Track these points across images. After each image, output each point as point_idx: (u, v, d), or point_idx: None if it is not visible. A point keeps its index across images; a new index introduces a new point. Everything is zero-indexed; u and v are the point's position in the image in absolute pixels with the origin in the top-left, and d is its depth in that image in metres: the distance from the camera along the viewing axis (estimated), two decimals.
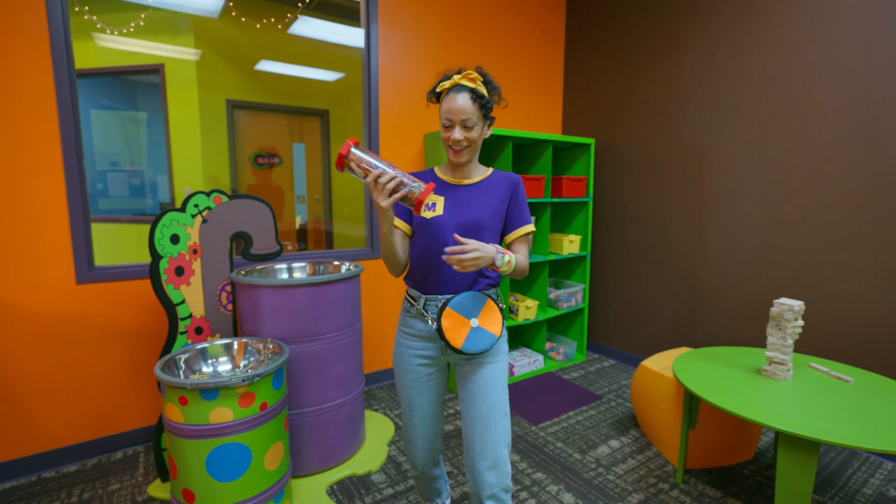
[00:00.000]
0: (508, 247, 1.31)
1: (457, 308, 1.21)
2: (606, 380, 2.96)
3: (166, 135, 3.01)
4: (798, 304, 1.65)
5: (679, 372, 1.79)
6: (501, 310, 1.29)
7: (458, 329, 1.19)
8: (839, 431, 1.33)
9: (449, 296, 1.26)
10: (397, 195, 1.08)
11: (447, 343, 1.18)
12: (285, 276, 2.18)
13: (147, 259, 2.17)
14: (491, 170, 1.37)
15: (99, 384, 2.03)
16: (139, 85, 2.42)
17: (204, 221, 1.85)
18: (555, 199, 2.97)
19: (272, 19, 2.90)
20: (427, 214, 1.27)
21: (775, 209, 2.39)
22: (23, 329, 1.87)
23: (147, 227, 2.20)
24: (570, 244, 3.08)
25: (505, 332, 1.33)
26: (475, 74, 1.23)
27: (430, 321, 1.27)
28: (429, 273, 1.27)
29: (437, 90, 1.26)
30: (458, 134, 1.21)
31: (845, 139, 2.13)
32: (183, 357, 1.60)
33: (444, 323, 1.18)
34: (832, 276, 2.21)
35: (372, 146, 2.79)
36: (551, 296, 3.17)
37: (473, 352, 1.19)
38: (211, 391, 1.40)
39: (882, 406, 1.50)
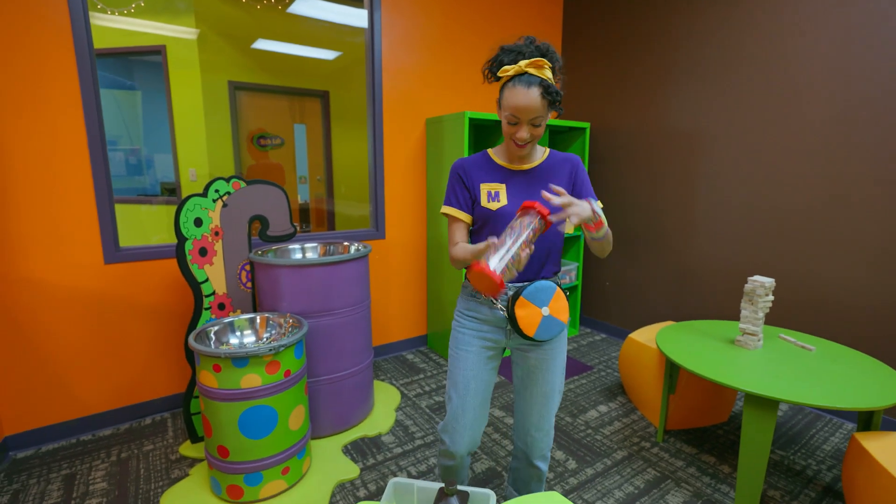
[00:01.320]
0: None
1: (530, 297, 1.18)
2: (597, 352, 3.16)
3: (170, 116, 3.09)
4: (769, 281, 1.82)
5: (661, 343, 1.98)
6: (565, 293, 1.27)
7: (531, 318, 1.18)
8: (794, 391, 1.52)
9: (520, 284, 1.24)
10: (532, 243, 1.02)
11: (520, 331, 1.18)
12: (299, 255, 2.33)
13: (161, 240, 2.30)
14: (548, 151, 1.31)
15: (128, 356, 2.20)
16: (136, 63, 2.39)
17: (224, 206, 1.99)
18: None
19: (272, 0, 2.96)
20: (492, 206, 1.23)
21: (756, 193, 2.54)
22: (58, 306, 2.03)
23: (151, 207, 2.31)
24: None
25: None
26: (543, 60, 1.11)
27: (500, 308, 1.26)
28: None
29: (500, 76, 1.15)
30: (525, 133, 1.14)
31: (822, 130, 2.27)
32: (213, 329, 1.76)
33: (518, 312, 1.17)
34: (804, 255, 2.38)
35: (376, 131, 2.90)
36: None
37: (545, 339, 1.21)
38: (242, 359, 1.56)
39: (837, 370, 1.69)
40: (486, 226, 1.25)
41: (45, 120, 1.93)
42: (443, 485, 1.02)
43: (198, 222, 1.93)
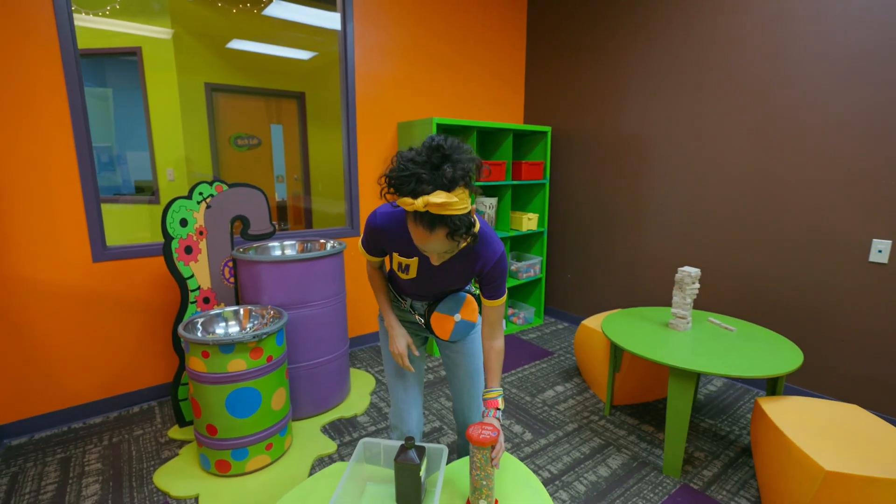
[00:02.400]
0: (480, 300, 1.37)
1: (442, 310, 1.36)
2: (559, 339, 3.42)
3: (146, 117, 3.20)
4: (695, 271, 2.09)
5: (606, 328, 2.23)
6: (475, 297, 1.43)
7: (444, 325, 1.37)
8: (711, 364, 1.79)
9: (434, 300, 1.39)
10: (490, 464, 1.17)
11: (437, 337, 1.40)
12: (278, 252, 2.50)
13: (142, 239, 2.44)
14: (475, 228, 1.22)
15: (117, 348, 2.34)
16: (108, 62, 2.43)
17: (208, 207, 2.15)
18: (515, 182, 3.34)
19: (248, 4, 3.10)
20: (401, 274, 1.35)
21: (692, 193, 2.83)
22: (49, 302, 2.15)
23: (126, 207, 2.41)
24: (529, 221, 3.48)
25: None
26: (444, 197, 0.95)
27: (418, 318, 1.42)
28: (406, 291, 1.42)
29: (398, 205, 1.05)
30: (435, 259, 1.15)
31: (746, 135, 2.56)
32: (200, 320, 1.93)
33: (434, 324, 1.37)
34: (731, 248, 2.68)
35: (349, 134, 3.07)
36: (512, 267, 3.58)
37: (459, 339, 1.43)
38: (228, 346, 1.74)
39: (751, 347, 1.97)
40: (395, 277, 1.38)
41: (33, 123, 2.05)
42: (403, 442, 1.23)
43: (183, 222, 2.09)
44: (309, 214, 3.86)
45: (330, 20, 2.99)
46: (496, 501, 1.22)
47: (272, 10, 3.06)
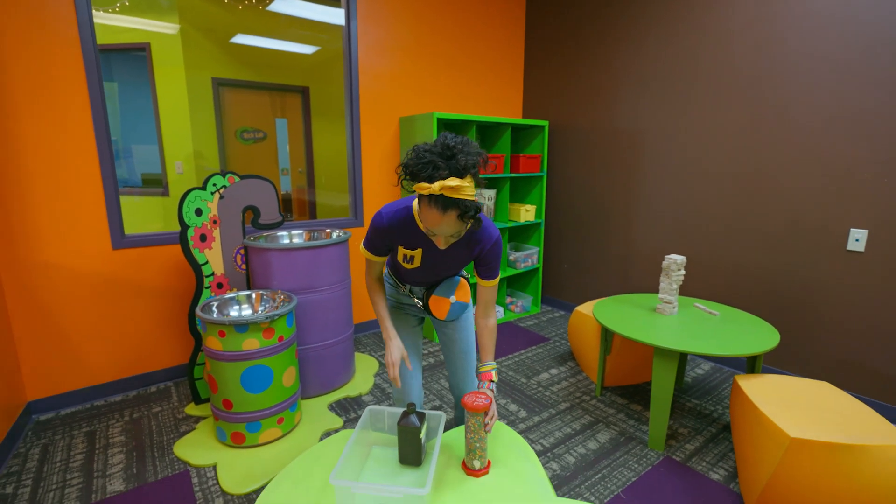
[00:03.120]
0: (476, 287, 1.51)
1: (439, 293, 1.50)
2: (555, 326, 3.56)
3: (155, 111, 3.32)
4: (681, 259, 2.21)
5: (597, 313, 2.36)
6: (468, 281, 1.58)
7: (441, 306, 1.50)
8: (692, 345, 1.91)
9: (431, 283, 1.52)
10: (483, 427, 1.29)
11: (434, 318, 1.52)
12: (287, 241, 2.63)
13: (154, 230, 2.57)
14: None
15: (135, 331, 2.48)
16: (114, 58, 2.49)
17: (221, 197, 2.28)
18: (513, 175, 3.46)
19: (253, 0, 3.20)
20: (405, 265, 1.44)
21: (682, 186, 2.94)
22: (72, 287, 2.29)
23: (136, 199, 2.50)
24: (527, 213, 3.60)
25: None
26: (456, 183, 1.07)
27: (416, 301, 1.56)
28: (407, 277, 1.53)
29: (414, 191, 1.14)
30: (442, 243, 1.25)
31: (733, 133, 2.67)
32: (215, 303, 2.07)
33: (432, 305, 1.50)
34: (724, 238, 2.80)
35: (353, 129, 3.18)
36: (510, 257, 3.71)
37: (454, 318, 1.55)
38: (243, 326, 1.88)
39: (731, 329, 2.10)
40: (398, 267, 1.49)
41: (56, 117, 2.17)
42: (405, 408, 1.37)
43: (198, 212, 2.22)
44: (313, 206, 3.99)
45: (332, 16, 3.09)
46: (489, 462, 1.35)
47: (277, 6, 3.16)
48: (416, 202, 1.36)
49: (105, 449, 2.03)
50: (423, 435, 1.33)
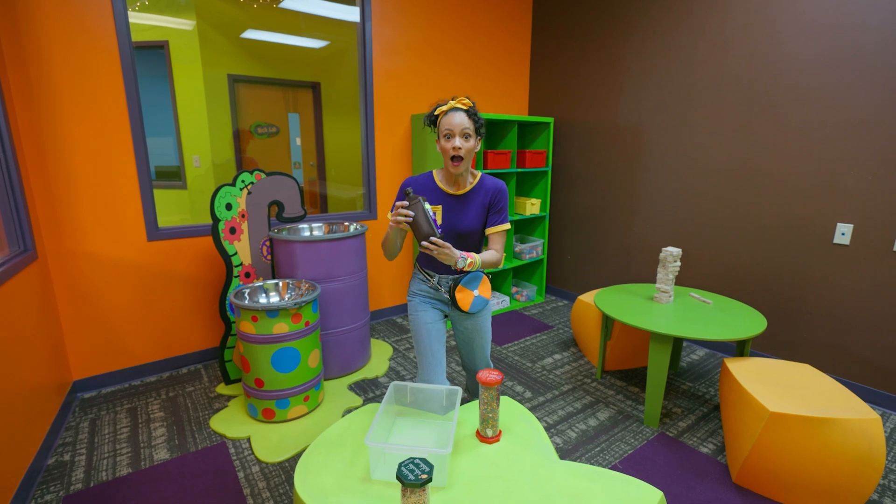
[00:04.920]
0: (487, 237, 1.69)
1: (465, 284, 1.66)
2: (559, 315, 3.73)
3: (174, 107, 3.48)
4: (677, 251, 2.37)
5: (598, 301, 2.53)
6: (490, 280, 1.76)
7: (466, 298, 1.66)
8: (684, 329, 2.08)
9: (457, 276, 1.70)
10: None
11: (458, 308, 1.66)
12: (308, 233, 2.80)
13: (181, 221, 2.74)
14: (479, 175, 1.67)
15: (168, 317, 2.67)
16: (134, 53, 2.52)
17: (249, 193, 2.45)
18: (519, 170, 3.61)
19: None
20: None
21: (680, 181, 3.09)
22: (113, 275, 2.48)
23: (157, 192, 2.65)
24: (532, 206, 3.75)
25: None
26: (466, 99, 1.56)
27: (443, 292, 1.72)
28: (436, 263, 1.71)
29: (436, 113, 1.56)
30: (458, 142, 1.50)
31: (730, 130, 2.81)
32: (247, 291, 2.25)
33: (458, 295, 1.65)
34: (718, 231, 2.95)
35: (368, 127, 3.33)
36: (516, 248, 3.88)
37: (476, 311, 1.71)
38: (274, 311, 2.06)
39: (723, 317, 2.26)
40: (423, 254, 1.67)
41: (96, 114, 2.34)
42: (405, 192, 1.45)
43: (228, 206, 2.39)
44: (324, 199, 4.15)
45: (345, 12, 3.21)
46: (500, 431, 1.53)
47: (289, 3, 3.28)
48: (434, 170, 1.68)
49: (147, 423, 2.23)
50: (426, 206, 1.46)
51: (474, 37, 3.67)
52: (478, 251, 1.74)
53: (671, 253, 2.37)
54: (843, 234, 2.44)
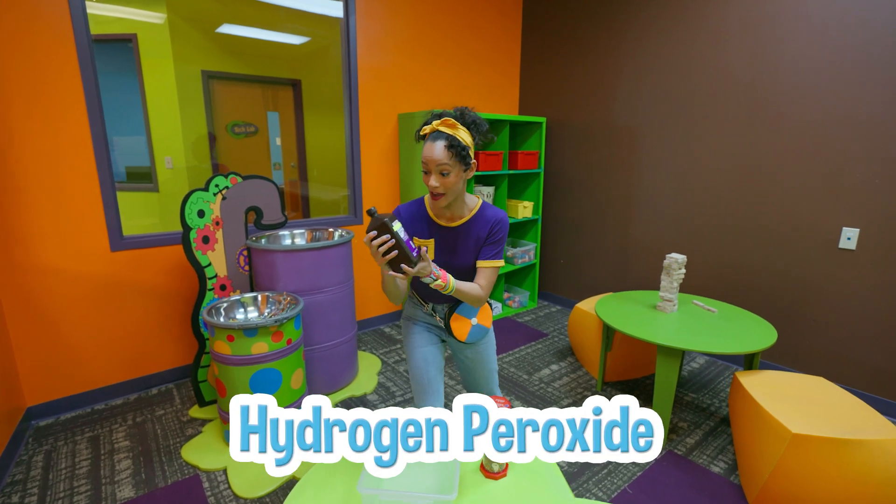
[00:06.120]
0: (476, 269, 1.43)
1: (462, 312, 1.48)
2: (552, 321, 3.61)
3: (143, 105, 3.23)
4: (682, 258, 2.26)
5: (599, 310, 2.40)
6: (491, 306, 1.57)
7: (462, 327, 1.47)
8: (693, 342, 1.97)
9: (453, 303, 1.49)
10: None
11: (454, 338, 1.48)
12: (289, 241, 2.61)
13: (146, 227, 2.52)
14: (479, 204, 1.42)
15: (135, 333, 2.45)
16: (98, 47, 2.30)
17: (224, 199, 2.24)
18: (511, 171, 3.47)
19: None
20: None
21: (680, 184, 2.99)
22: (71, 290, 2.24)
23: (120, 195, 2.37)
24: (524, 209, 3.62)
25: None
26: (452, 120, 1.28)
27: (439, 319, 1.53)
28: (430, 295, 1.52)
29: (421, 133, 1.33)
30: (433, 181, 1.28)
31: (732, 131, 2.72)
32: (222, 306, 2.05)
33: (453, 324, 1.47)
34: (719, 235, 2.86)
35: (353, 127, 3.15)
36: (508, 253, 3.74)
37: (474, 342, 1.53)
38: (252, 330, 1.87)
39: (730, 326, 2.16)
40: (417, 280, 1.48)
41: (51, 115, 2.10)
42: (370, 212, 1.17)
43: (200, 213, 2.18)
44: (306, 202, 3.95)
45: (324, 6, 3.02)
46: (507, 464, 1.38)
47: None
48: (427, 196, 1.46)
49: (111, 454, 2.01)
50: (397, 228, 1.19)
51: (462, 32, 3.52)
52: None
53: (676, 260, 2.25)
54: (848, 238, 2.36)
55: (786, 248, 2.59)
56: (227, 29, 3.20)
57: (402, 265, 1.21)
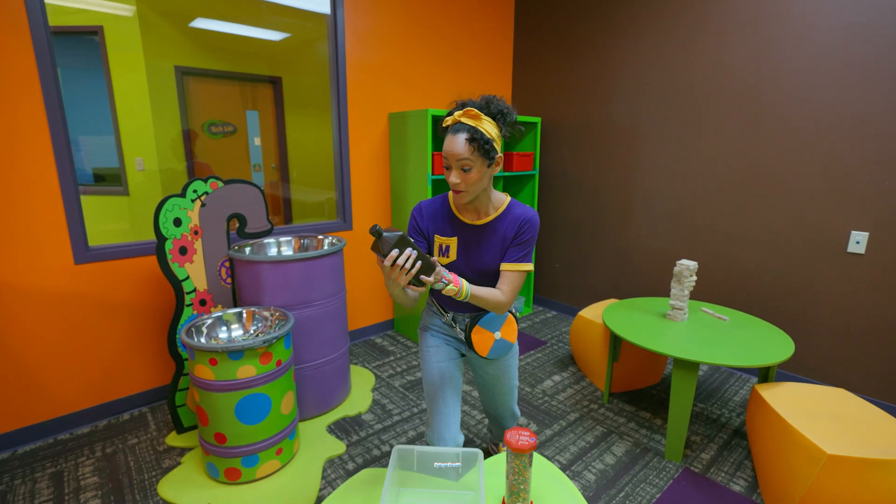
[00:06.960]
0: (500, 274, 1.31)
1: (484, 325, 1.35)
2: (550, 328, 3.49)
3: (111, 102, 2.99)
4: (693, 264, 2.16)
5: (607, 318, 2.29)
6: (516, 317, 1.42)
7: (484, 341, 1.35)
8: (711, 355, 1.87)
9: (476, 314, 1.37)
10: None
11: (475, 353, 1.35)
12: (274, 250, 2.41)
13: (117, 233, 2.30)
14: (507, 202, 1.33)
15: (104, 354, 2.22)
16: (56, 40, 2.15)
17: (203, 205, 2.04)
18: (506, 173, 3.34)
19: None
20: (441, 259, 1.33)
21: (683, 185, 2.91)
22: (30, 308, 2.00)
23: (87, 199, 2.19)
24: None
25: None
26: (475, 111, 1.18)
27: (458, 331, 1.41)
28: (450, 302, 1.41)
29: (444, 125, 1.23)
30: (454, 177, 1.20)
31: (735, 132, 2.65)
32: (203, 325, 1.85)
33: (474, 337, 1.34)
34: (723, 239, 2.79)
35: (341, 126, 2.97)
36: None
37: (497, 357, 1.41)
38: (238, 352, 1.68)
39: (744, 336, 2.07)
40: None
41: (3, 113, 1.87)
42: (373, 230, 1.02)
43: (177, 222, 1.98)
44: (288, 205, 3.74)
45: (312, 2, 2.85)
46: (531, 503, 1.24)
47: None
48: (450, 192, 1.37)
49: (76, 493, 1.79)
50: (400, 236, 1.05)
51: (454, 30, 3.37)
52: None
53: (687, 266, 2.16)
54: (857, 242, 2.31)
55: (791, 253, 2.53)
56: (203, 23, 2.99)
57: (422, 276, 1.10)
